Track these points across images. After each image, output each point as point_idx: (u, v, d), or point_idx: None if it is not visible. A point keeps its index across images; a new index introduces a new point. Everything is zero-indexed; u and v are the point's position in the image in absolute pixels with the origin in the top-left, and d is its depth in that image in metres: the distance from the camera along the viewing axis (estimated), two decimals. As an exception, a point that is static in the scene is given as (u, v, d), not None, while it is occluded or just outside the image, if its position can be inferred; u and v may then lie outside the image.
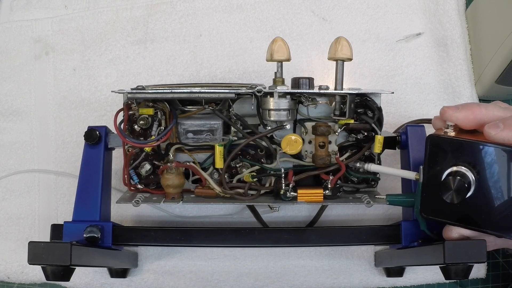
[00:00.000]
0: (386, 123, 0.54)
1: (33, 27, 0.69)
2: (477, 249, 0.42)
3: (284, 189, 0.50)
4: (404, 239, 0.51)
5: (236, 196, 0.51)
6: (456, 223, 0.43)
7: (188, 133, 0.52)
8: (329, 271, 0.61)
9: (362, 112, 0.51)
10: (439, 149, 0.42)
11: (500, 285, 0.63)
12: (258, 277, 0.61)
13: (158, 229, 0.53)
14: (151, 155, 0.53)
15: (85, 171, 0.52)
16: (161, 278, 0.60)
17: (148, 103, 0.51)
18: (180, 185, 0.51)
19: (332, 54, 0.47)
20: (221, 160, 0.51)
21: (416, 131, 0.54)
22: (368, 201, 0.50)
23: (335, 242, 0.54)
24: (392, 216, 0.62)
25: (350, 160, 0.51)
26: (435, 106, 0.65)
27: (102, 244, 0.50)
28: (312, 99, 0.51)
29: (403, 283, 0.61)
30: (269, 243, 0.54)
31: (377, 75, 0.66)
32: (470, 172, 0.41)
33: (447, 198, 0.41)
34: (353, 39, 0.59)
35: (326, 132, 0.51)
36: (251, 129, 0.52)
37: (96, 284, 0.60)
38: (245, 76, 0.66)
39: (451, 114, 0.44)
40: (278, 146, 0.52)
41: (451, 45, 0.68)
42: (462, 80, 0.67)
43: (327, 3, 0.68)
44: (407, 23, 0.68)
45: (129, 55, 0.67)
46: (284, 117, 0.49)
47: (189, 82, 0.65)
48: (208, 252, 0.61)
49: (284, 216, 0.62)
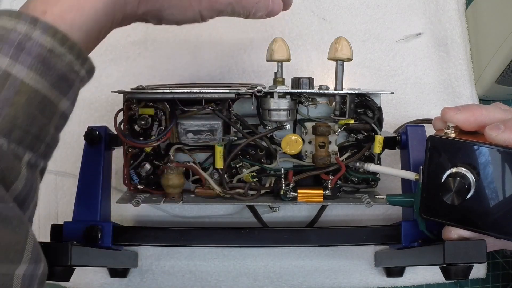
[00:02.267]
0: (386, 123, 0.54)
1: (33, 26, 0.68)
2: (477, 249, 0.42)
3: (284, 189, 0.50)
4: (404, 239, 0.51)
5: (236, 196, 0.51)
6: (456, 224, 0.43)
7: (188, 133, 0.52)
8: (328, 271, 0.61)
9: (362, 112, 0.51)
10: (439, 150, 0.42)
11: (500, 285, 0.63)
12: (257, 277, 0.61)
13: (158, 229, 0.53)
14: (151, 155, 0.53)
15: (85, 171, 0.52)
16: (160, 278, 0.60)
17: (148, 103, 0.51)
18: (180, 185, 0.51)
19: (332, 54, 0.47)
20: (221, 160, 0.51)
21: (416, 131, 0.54)
22: (368, 201, 0.50)
23: (335, 242, 0.54)
24: (392, 216, 0.62)
25: (350, 160, 0.51)
26: (435, 106, 0.65)
27: (102, 244, 0.50)
28: (312, 99, 0.51)
29: (403, 283, 0.61)
30: (269, 243, 0.54)
31: (377, 75, 0.66)
32: (470, 173, 0.41)
33: (447, 199, 0.41)
34: (353, 39, 0.59)
35: (326, 132, 0.51)
36: (251, 129, 0.52)
37: (96, 284, 0.60)
38: (245, 76, 0.65)
39: (452, 115, 0.44)
40: (278, 146, 0.52)
41: (451, 45, 0.68)
42: (462, 80, 0.67)
43: (327, 3, 0.68)
44: (407, 23, 0.68)
45: (130, 55, 0.66)
46: (284, 117, 0.49)
47: (189, 82, 0.65)
48: (207, 252, 0.61)
49: (284, 216, 0.62)
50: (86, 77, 0.37)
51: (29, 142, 0.34)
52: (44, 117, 0.34)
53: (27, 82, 0.32)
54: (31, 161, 0.34)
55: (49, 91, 0.34)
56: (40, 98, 0.33)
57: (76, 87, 0.37)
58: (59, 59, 0.34)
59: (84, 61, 0.36)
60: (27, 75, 0.32)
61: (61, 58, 0.34)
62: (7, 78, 0.32)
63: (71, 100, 0.36)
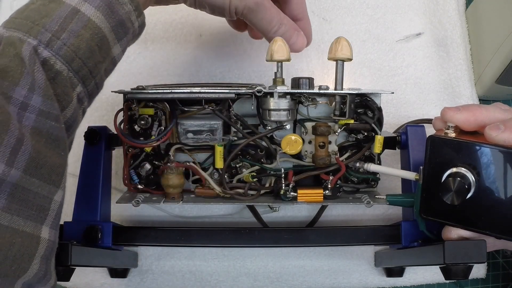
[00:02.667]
0: (386, 123, 0.54)
1: (33, 26, 0.68)
2: (477, 249, 0.42)
3: (284, 189, 0.50)
4: (404, 239, 0.51)
5: (236, 196, 0.51)
6: (456, 224, 0.43)
7: (188, 133, 0.52)
8: (328, 271, 0.61)
9: (362, 112, 0.51)
10: (439, 150, 0.42)
11: (500, 285, 0.63)
12: (257, 277, 0.61)
13: (158, 229, 0.53)
14: (151, 155, 0.53)
15: (85, 171, 0.52)
16: (160, 278, 0.60)
17: (148, 103, 0.51)
18: (180, 185, 0.51)
19: (332, 54, 0.47)
20: (221, 160, 0.51)
21: (416, 131, 0.54)
22: (368, 201, 0.50)
23: (335, 242, 0.54)
24: (392, 216, 0.62)
25: (350, 160, 0.51)
26: (435, 106, 0.65)
27: (102, 244, 0.50)
28: (312, 99, 0.51)
29: (403, 283, 0.61)
30: (269, 243, 0.54)
31: (377, 75, 0.66)
32: (470, 173, 0.41)
33: (447, 199, 0.41)
34: (353, 39, 0.59)
35: (326, 132, 0.51)
36: (251, 129, 0.52)
37: (96, 284, 0.60)
38: (245, 76, 0.65)
39: (452, 115, 0.44)
40: (278, 146, 0.52)
41: (451, 45, 0.68)
42: (462, 80, 0.67)
43: (327, 3, 0.68)
44: (407, 23, 0.68)
45: (130, 55, 0.66)
46: (284, 117, 0.49)
47: (189, 82, 0.65)
48: (207, 252, 0.61)
49: (284, 216, 0.62)
50: (137, 31, 0.43)
51: (84, 75, 0.38)
52: (100, 54, 0.39)
53: (93, 19, 0.37)
54: (80, 95, 0.39)
55: (109, 32, 0.39)
56: (101, 36, 0.38)
57: (129, 37, 0.42)
58: (121, 7, 0.39)
59: (140, 14, 0.41)
60: (94, 14, 0.37)
61: (123, 6, 0.39)
62: (76, 13, 0.36)
63: (122, 47, 0.42)
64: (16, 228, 0.33)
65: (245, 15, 0.48)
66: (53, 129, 0.35)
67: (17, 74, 0.34)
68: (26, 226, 0.33)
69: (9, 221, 0.32)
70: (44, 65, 0.35)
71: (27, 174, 0.33)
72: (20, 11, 0.37)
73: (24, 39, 0.35)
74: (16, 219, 0.33)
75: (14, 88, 0.34)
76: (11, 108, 0.33)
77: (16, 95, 0.34)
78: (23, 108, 0.34)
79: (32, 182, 0.34)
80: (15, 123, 0.33)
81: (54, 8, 0.36)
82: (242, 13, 0.48)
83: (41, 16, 0.36)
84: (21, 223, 0.33)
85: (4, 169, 0.32)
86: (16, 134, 0.32)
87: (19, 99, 0.34)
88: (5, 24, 0.36)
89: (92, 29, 0.37)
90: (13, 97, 0.34)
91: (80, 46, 0.37)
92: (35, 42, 0.35)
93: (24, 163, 0.33)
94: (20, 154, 0.33)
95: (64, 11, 0.36)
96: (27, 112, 0.34)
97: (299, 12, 0.54)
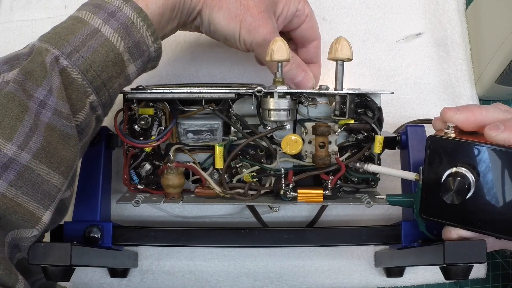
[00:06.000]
0: (386, 123, 0.54)
1: (33, 27, 0.68)
2: (477, 249, 0.42)
3: (284, 189, 0.50)
4: (404, 239, 0.51)
5: (236, 196, 0.51)
6: (456, 224, 0.43)
7: (188, 133, 0.52)
8: (328, 271, 0.61)
9: (362, 112, 0.51)
10: (439, 150, 0.42)
11: (500, 285, 0.63)
12: (257, 277, 0.61)
13: (158, 229, 0.54)
14: (151, 155, 0.53)
15: (85, 171, 0.52)
16: (160, 278, 0.60)
17: (148, 103, 0.51)
18: (180, 185, 0.51)
19: (332, 54, 0.47)
20: (221, 160, 0.51)
21: (416, 131, 0.54)
22: (368, 201, 0.50)
23: (335, 242, 0.54)
24: (392, 216, 0.62)
25: (350, 160, 0.51)
26: (435, 106, 0.65)
27: (102, 244, 0.50)
28: (312, 99, 0.51)
29: (403, 283, 0.61)
30: (269, 243, 0.54)
31: (377, 75, 0.66)
32: (470, 173, 0.41)
33: (447, 199, 0.41)
34: (353, 39, 0.59)
35: (326, 132, 0.51)
36: (251, 129, 0.52)
37: (96, 284, 0.60)
38: (245, 76, 0.65)
39: (452, 115, 0.44)
40: (278, 146, 0.51)
41: (451, 45, 0.68)
42: (462, 80, 0.67)
43: (327, 3, 0.68)
44: (407, 23, 0.68)
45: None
46: (284, 117, 0.49)
47: (189, 82, 0.65)
48: (207, 252, 0.61)
49: (284, 216, 0.62)
50: (153, 54, 0.46)
51: (97, 85, 0.42)
52: (114, 70, 0.43)
53: (110, 39, 0.42)
54: (93, 103, 0.43)
55: (124, 52, 0.43)
56: (116, 53, 0.43)
57: (144, 58, 0.45)
58: (137, 31, 0.43)
59: (156, 40, 0.45)
60: (111, 34, 0.42)
61: (139, 31, 0.44)
62: (96, 33, 0.42)
63: (137, 67, 0.45)
64: (20, 203, 0.37)
65: (253, 48, 0.50)
66: (64, 126, 0.40)
67: (41, 77, 0.39)
68: (30, 205, 0.38)
69: (14, 195, 0.37)
70: (62, 72, 0.41)
71: (36, 159, 0.38)
72: (54, 27, 0.43)
73: (50, 49, 0.41)
74: (20, 195, 0.37)
75: (36, 88, 0.39)
76: (31, 104, 0.39)
77: (37, 94, 0.39)
78: (41, 106, 0.39)
79: (41, 168, 0.38)
80: (31, 115, 0.38)
81: (79, 27, 0.42)
82: (251, 46, 0.50)
83: (68, 33, 0.42)
84: (25, 200, 0.38)
85: (16, 150, 0.37)
86: (30, 123, 0.38)
87: (39, 98, 0.39)
88: (41, 37, 0.42)
89: (108, 47, 0.42)
90: (34, 96, 0.39)
91: (95, 60, 0.41)
92: (58, 53, 0.41)
93: (35, 149, 0.38)
94: (32, 141, 0.38)
95: (87, 30, 0.42)
96: (45, 109, 0.39)
97: (314, 57, 0.57)
